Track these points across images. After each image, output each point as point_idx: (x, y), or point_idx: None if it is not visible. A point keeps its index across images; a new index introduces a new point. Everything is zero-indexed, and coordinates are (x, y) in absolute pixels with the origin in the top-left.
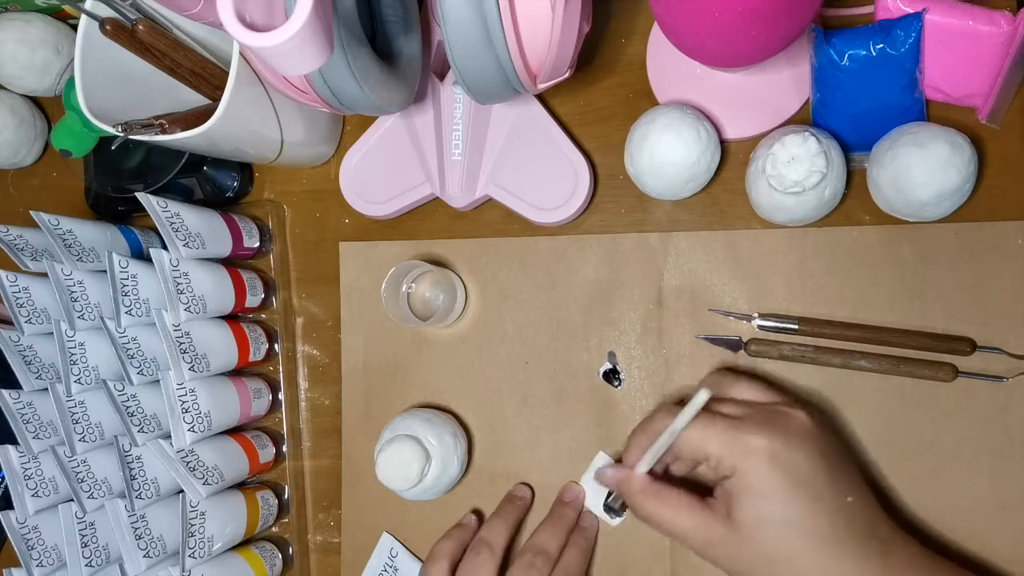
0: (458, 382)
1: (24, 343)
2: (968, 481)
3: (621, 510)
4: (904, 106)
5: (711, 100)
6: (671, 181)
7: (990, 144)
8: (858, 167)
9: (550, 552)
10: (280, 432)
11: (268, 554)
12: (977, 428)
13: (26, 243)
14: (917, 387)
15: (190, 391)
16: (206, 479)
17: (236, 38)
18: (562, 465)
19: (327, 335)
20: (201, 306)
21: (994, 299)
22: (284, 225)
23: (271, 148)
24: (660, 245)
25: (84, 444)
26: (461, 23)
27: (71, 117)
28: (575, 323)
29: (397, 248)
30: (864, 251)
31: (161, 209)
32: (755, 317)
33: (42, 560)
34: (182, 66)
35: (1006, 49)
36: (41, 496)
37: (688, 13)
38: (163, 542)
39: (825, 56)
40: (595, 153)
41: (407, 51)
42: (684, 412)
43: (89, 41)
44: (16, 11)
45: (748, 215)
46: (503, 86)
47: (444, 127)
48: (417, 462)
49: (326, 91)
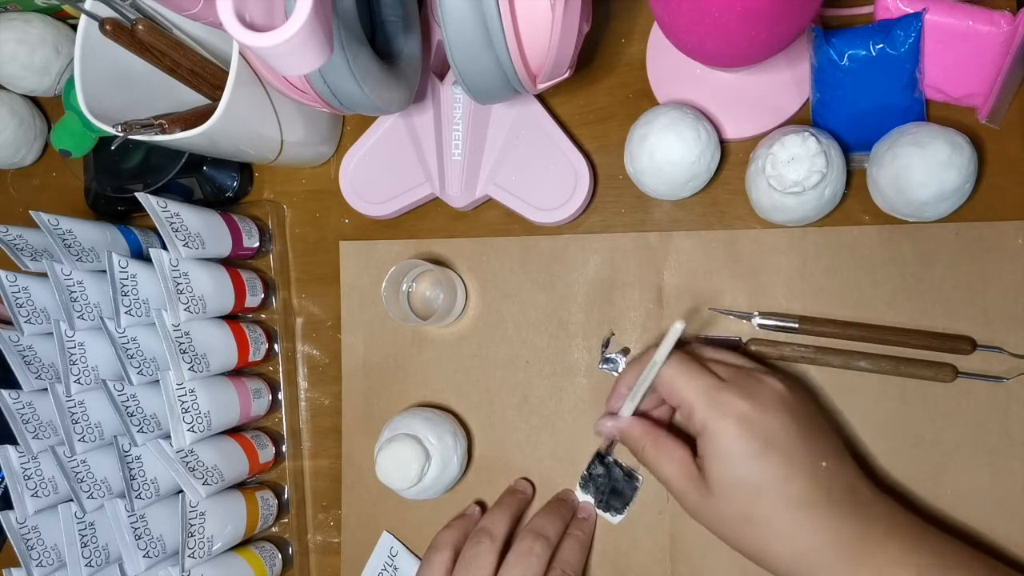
0: (458, 381)
1: (24, 343)
2: (968, 481)
3: (621, 509)
4: (904, 106)
5: (711, 100)
6: (671, 181)
7: (990, 144)
8: (858, 167)
9: (549, 537)
10: (280, 432)
11: (268, 554)
12: (977, 428)
13: (26, 243)
14: (917, 387)
15: (190, 391)
16: (206, 479)
17: (236, 38)
18: (562, 464)
19: (327, 335)
20: (201, 306)
21: (994, 299)
22: (284, 225)
23: (271, 148)
24: (660, 245)
25: (84, 444)
26: (461, 23)
27: (71, 117)
28: (575, 322)
29: (397, 247)
30: (864, 251)
31: (161, 209)
32: (755, 316)
33: (42, 560)
34: (182, 66)
35: (1006, 49)
36: (41, 496)
37: (688, 13)
38: (163, 542)
39: (825, 56)
40: (595, 153)
41: (407, 51)
42: (663, 345)
43: (89, 41)
44: (16, 11)
45: (748, 215)
46: (503, 86)
47: (444, 127)
48: (417, 461)
49: (326, 91)
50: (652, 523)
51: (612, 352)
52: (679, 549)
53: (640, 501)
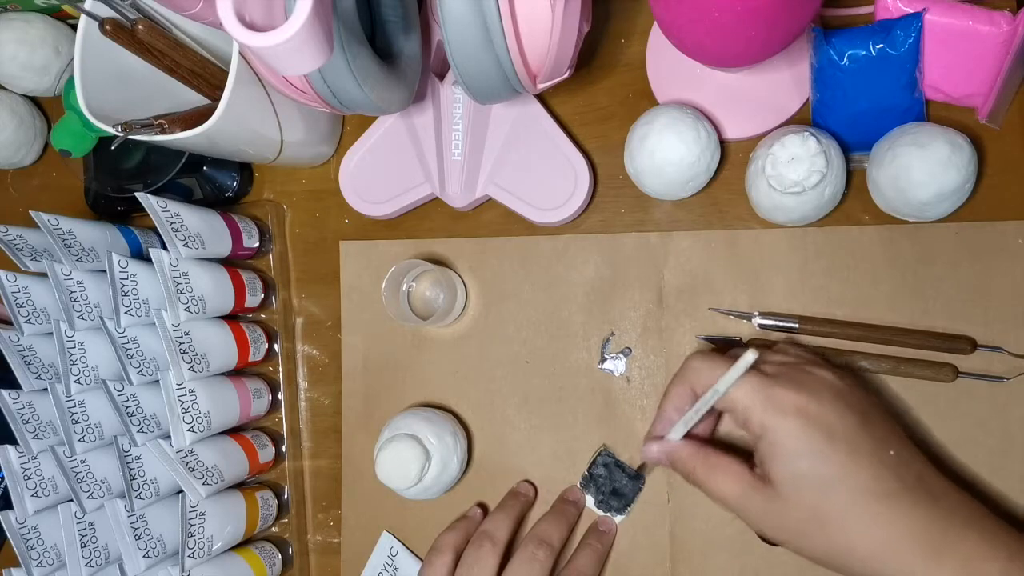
0: (458, 381)
1: (24, 343)
2: (968, 481)
3: (622, 509)
4: (904, 106)
5: (711, 100)
6: (671, 181)
7: (990, 144)
8: (858, 167)
9: (552, 543)
10: (280, 432)
11: (268, 554)
12: (977, 428)
13: (26, 243)
14: (917, 387)
15: (190, 391)
16: (206, 479)
17: (236, 38)
18: (562, 464)
19: (327, 335)
20: (201, 306)
21: (994, 299)
22: (284, 225)
23: (271, 148)
24: (660, 245)
25: (84, 444)
26: (461, 23)
27: (71, 117)
28: (575, 322)
29: (397, 247)
30: (864, 251)
31: (161, 209)
32: (755, 316)
33: (42, 560)
34: (182, 66)
35: (1006, 49)
36: (40, 496)
37: (688, 13)
38: (163, 542)
39: (825, 56)
40: (595, 153)
41: (407, 51)
42: (729, 373)
43: (89, 41)
44: (16, 11)
45: (748, 215)
46: (503, 86)
47: (444, 127)
48: (417, 461)
49: (326, 91)
50: (652, 523)
51: (612, 352)
52: (679, 549)
53: (640, 501)
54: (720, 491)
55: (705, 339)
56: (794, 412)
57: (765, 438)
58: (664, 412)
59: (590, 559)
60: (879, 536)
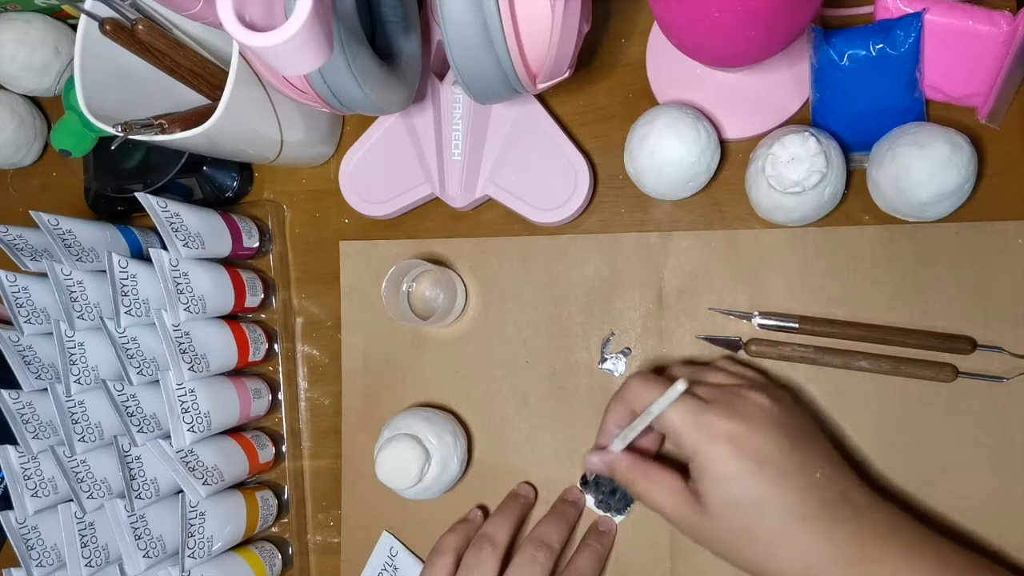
0: (458, 381)
1: (24, 343)
2: (968, 481)
3: (622, 509)
4: (904, 106)
5: (711, 100)
6: (671, 181)
7: (990, 144)
8: (858, 167)
9: (552, 544)
10: (280, 432)
11: (268, 554)
12: (977, 428)
13: (26, 243)
14: (917, 387)
15: (190, 391)
16: (206, 479)
17: (236, 38)
18: (562, 464)
19: (327, 335)
20: (201, 306)
21: (994, 299)
22: (284, 225)
23: (271, 148)
24: (660, 245)
25: (83, 444)
26: (461, 23)
27: (71, 117)
28: (575, 322)
29: (397, 247)
30: (864, 251)
31: (161, 209)
32: (755, 316)
33: (41, 560)
34: (182, 66)
35: (1006, 49)
36: (40, 496)
37: (688, 13)
38: (163, 542)
39: (825, 56)
40: (595, 153)
41: (407, 51)
42: (662, 399)
43: (89, 41)
44: (16, 11)
45: (748, 215)
46: (503, 86)
47: (444, 127)
48: (417, 461)
49: (326, 91)
50: (652, 523)
51: (612, 352)
52: (679, 549)
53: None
54: (657, 503)
55: (705, 339)
56: (725, 438)
57: (695, 461)
58: (606, 426)
59: (590, 560)
60: (805, 557)
